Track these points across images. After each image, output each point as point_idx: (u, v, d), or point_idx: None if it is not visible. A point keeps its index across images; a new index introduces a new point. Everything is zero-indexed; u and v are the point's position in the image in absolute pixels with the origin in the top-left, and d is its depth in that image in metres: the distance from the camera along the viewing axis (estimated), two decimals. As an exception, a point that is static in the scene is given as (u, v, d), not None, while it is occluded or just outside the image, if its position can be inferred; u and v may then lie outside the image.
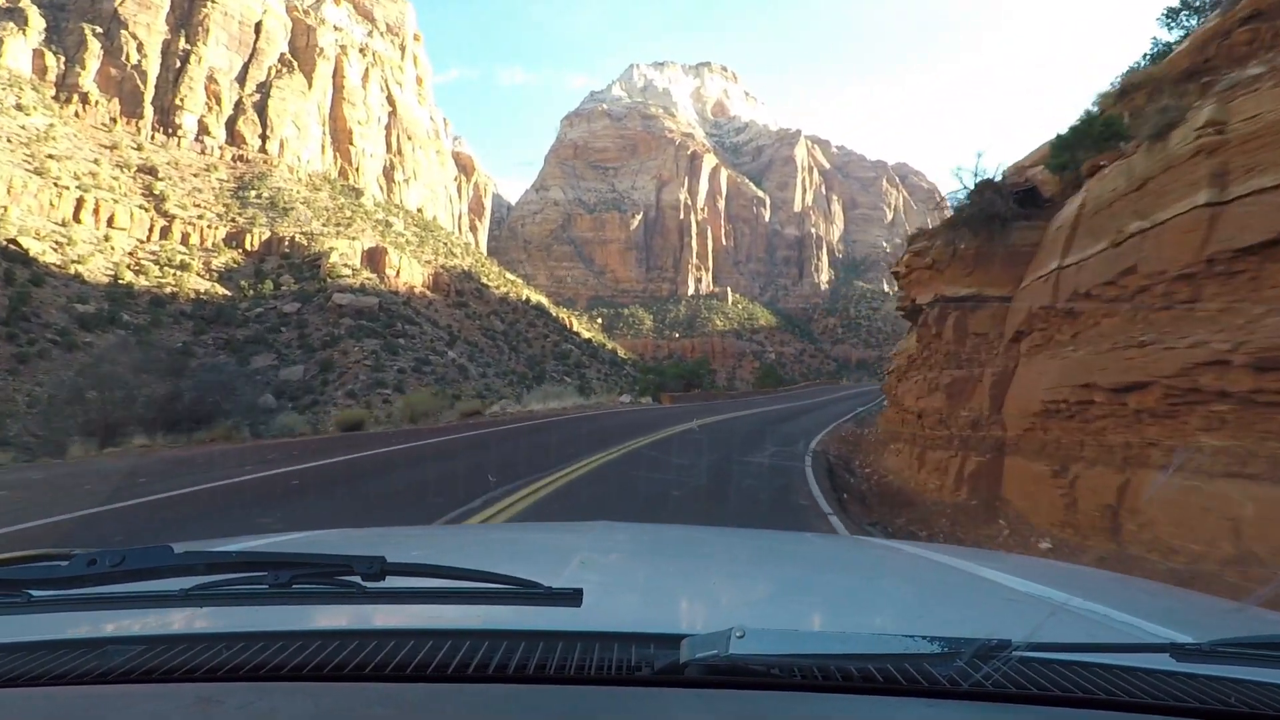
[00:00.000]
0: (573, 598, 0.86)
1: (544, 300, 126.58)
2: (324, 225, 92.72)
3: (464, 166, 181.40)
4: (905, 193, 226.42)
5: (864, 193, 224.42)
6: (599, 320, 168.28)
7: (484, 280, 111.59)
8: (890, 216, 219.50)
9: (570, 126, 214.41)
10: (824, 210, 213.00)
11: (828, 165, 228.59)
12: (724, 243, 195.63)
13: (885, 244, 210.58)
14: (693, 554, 1.85)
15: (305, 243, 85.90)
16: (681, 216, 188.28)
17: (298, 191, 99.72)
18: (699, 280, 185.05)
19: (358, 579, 0.90)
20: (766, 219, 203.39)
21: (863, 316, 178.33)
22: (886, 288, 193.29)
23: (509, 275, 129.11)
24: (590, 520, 2.27)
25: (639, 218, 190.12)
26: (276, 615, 0.93)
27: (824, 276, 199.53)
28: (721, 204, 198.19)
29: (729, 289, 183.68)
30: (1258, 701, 0.73)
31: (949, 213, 10.43)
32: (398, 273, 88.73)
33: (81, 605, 0.91)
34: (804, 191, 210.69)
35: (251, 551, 1.44)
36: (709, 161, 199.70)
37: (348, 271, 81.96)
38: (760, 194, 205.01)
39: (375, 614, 0.96)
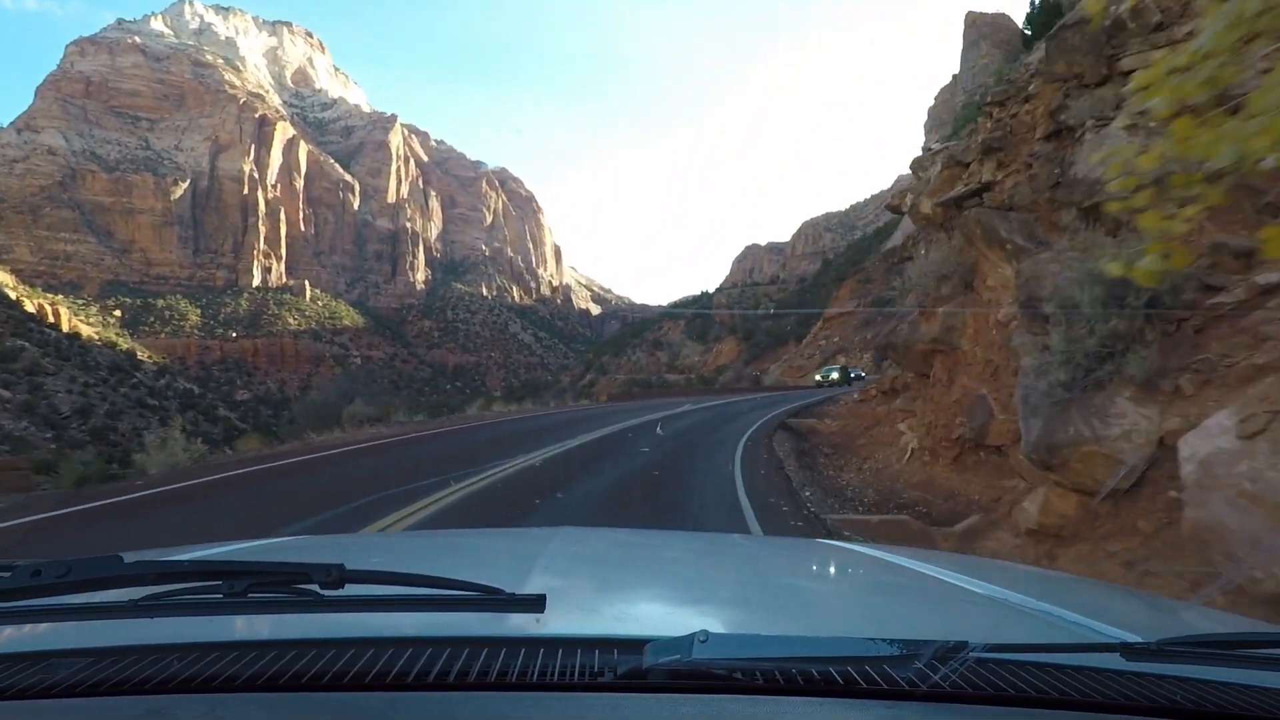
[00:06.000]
0: (535, 604, 0.85)
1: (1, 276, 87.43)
2: None
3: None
4: (505, 197, 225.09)
5: (464, 192, 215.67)
6: (118, 312, 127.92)
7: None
8: (490, 220, 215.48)
9: (81, 55, 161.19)
10: (421, 205, 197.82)
11: (426, 158, 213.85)
12: (303, 229, 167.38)
13: (484, 247, 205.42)
14: (657, 558, 1.84)
15: None
16: (246, 191, 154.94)
17: None
18: (268, 270, 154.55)
19: (315, 587, 0.88)
20: (356, 207, 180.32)
21: (460, 320, 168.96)
22: (486, 291, 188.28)
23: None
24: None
25: (185, 186, 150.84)
26: (231, 625, 0.91)
27: (420, 276, 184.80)
28: (300, 184, 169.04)
29: (307, 283, 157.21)
30: (1202, 699, 0.75)
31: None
32: None
33: (25, 618, 0.88)
34: (400, 182, 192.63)
35: (205, 560, 1.39)
36: (284, 131, 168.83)
37: None
38: (349, 178, 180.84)
39: (333, 623, 0.94)
